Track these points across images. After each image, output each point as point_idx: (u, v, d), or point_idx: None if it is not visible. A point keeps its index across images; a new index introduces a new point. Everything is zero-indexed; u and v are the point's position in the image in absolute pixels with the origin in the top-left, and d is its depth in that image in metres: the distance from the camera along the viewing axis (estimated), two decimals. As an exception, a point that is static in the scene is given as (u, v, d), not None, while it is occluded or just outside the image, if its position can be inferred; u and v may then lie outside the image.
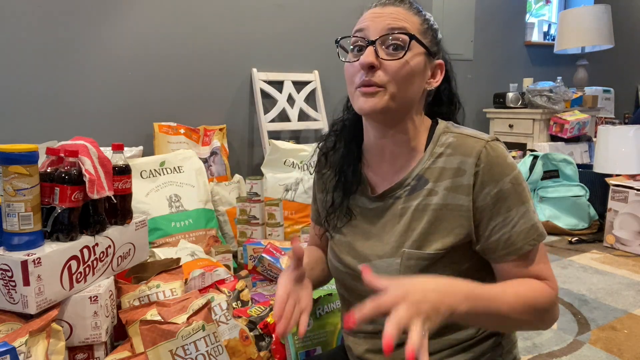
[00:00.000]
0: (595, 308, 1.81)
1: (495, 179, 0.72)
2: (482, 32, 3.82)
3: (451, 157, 0.75)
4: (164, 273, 1.16)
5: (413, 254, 0.74)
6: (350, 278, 0.85)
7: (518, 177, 0.73)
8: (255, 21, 2.83)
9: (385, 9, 0.76)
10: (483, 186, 0.72)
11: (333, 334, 1.15)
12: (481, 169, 0.72)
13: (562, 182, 2.91)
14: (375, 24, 0.75)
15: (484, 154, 0.72)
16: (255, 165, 2.92)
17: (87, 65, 2.40)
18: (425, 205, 0.76)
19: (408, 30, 0.74)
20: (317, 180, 0.95)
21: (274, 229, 2.03)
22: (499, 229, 0.72)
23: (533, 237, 0.72)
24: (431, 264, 0.74)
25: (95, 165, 0.98)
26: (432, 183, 0.76)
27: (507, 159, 0.73)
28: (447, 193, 0.74)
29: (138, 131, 2.53)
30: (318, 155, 0.94)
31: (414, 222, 0.76)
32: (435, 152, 0.77)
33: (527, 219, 0.72)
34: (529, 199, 0.73)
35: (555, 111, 3.40)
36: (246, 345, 1.01)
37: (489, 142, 0.74)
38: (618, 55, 4.48)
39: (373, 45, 0.73)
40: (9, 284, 0.84)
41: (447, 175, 0.75)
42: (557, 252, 2.48)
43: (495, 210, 0.72)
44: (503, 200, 0.72)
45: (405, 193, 0.78)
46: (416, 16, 0.77)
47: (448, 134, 0.78)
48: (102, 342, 0.95)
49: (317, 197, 0.96)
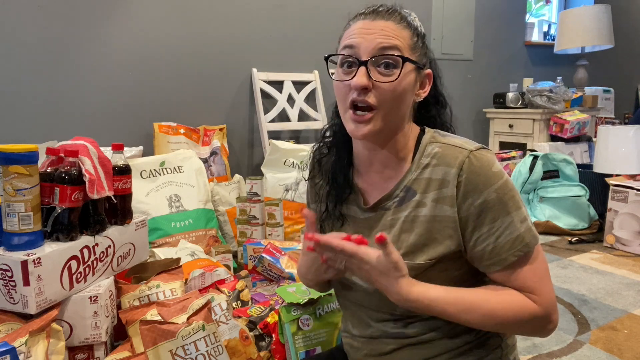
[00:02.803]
0: (595, 308, 1.81)
1: (479, 189, 0.71)
2: (482, 32, 3.82)
3: (436, 167, 0.74)
4: (164, 273, 1.16)
5: (405, 264, 0.74)
6: (343, 288, 0.85)
7: (504, 187, 0.71)
8: (255, 21, 2.83)
9: (375, 24, 0.73)
10: (466, 197, 0.71)
11: (333, 334, 1.15)
12: (463, 180, 0.71)
13: (562, 182, 2.90)
14: (366, 42, 0.72)
15: (466, 164, 0.71)
16: (255, 165, 2.92)
17: (87, 65, 2.40)
18: (414, 217, 0.75)
19: (400, 49, 0.73)
20: (310, 189, 0.95)
21: (274, 229, 2.03)
22: (484, 239, 0.71)
23: (518, 248, 0.70)
24: (421, 273, 0.74)
25: (95, 165, 0.98)
26: (420, 194, 0.75)
27: (491, 169, 0.72)
28: (435, 205, 0.74)
29: (138, 131, 2.53)
30: (311, 163, 0.93)
31: (403, 233, 0.76)
32: (422, 163, 0.76)
33: (512, 230, 0.70)
34: (517, 208, 0.71)
35: (555, 111, 3.40)
36: (246, 345, 1.01)
37: (473, 151, 0.72)
38: (618, 55, 4.48)
39: (365, 66, 0.72)
40: (9, 284, 0.84)
41: (433, 187, 0.74)
42: (557, 252, 2.48)
43: (480, 221, 0.71)
44: (487, 211, 0.71)
45: (394, 205, 0.78)
46: (406, 30, 0.75)
47: (434, 144, 0.77)
48: (102, 342, 0.95)
49: (310, 206, 0.96)
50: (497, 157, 2.79)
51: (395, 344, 0.79)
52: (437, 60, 0.85)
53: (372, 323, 0.82)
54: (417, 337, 0.77)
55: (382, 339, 0.80)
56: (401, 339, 0.79)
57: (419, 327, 0.77)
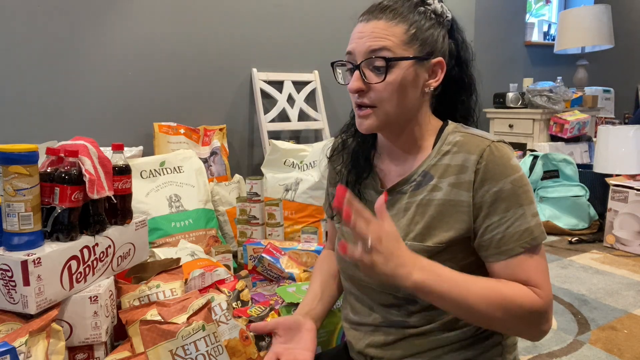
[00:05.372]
0: (595, 308, 1.81)
1: (496, 178, 0.72)
2: (482, 32, 3.82)
3: (457, 154, 0.76)
4: (164, 273, 1.16)
5: (415, 246, 0.75)
6: (353, 267, 0.86)
7: (520, 180, 0.73)
8: (255, 21, 2.83)
9: (368, 26, 0.76)
10: (482, 184, 0.73)
11: (333, 333, 1.15)
12: (482, 167, 0.73)
13: (562, 182, 2.90)
14: (359, 47, 0.76)
15: (487, 152, 0.73)
16: (255, 165, 2.92)
17: (87, 65, 2.40)
18: (428, 200, 0.77)
19: (389, 48, 0.74)
20: (330, 172, 0.97)
21: (274, 229, 2.03)
22: (494, 228, 0.72)
23: (526, 240, 0.71)
24: (432, 256, 0.74)
25: (95, 165, 0.98)
26: (436, 179, 0.77)
27: (510, 161, 0.73)
28: (451, 189, 0.75)
29: (138, 131, 2.53)
30: (335, 143, 0.95)
31: (417, 216, 0.77)
32: (442, 150, 0.78)
33: (522, 222, 0.72)
34: (529, 203, 0.73)
35: (555, 111, 3.40)
36: (246, 345, 1.01)
37: (494, 142, 0.75)
38: (618, 55, 4.48)
39: (358, 70, 0.76)
40: (9, 284, 0.84)
41: (451, 172, 0.76)
42: (557, 252, 2.48)
43: (492, 209, 0.72)
44: (501, 200, 0.72)
45: (410, 189, 0.80)
46: (399, 25, 0.75)
47: (456, 133, 0.79)
48: (102, 342, 0.95)
49: (328, 190, 0.98)
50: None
51: (397, 335, 0.80)
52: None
53: (375, 307, 0.83)
54: (419, 327, 0.78)
55: (384, 328, 0.81)
56: (403, 329, 0.80)
57: (421, 317, 0.78)
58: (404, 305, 0.79)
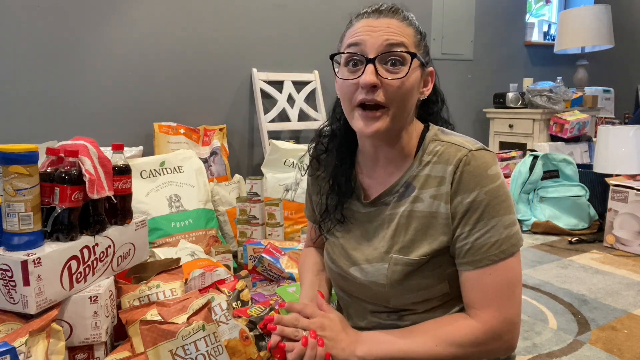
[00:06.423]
0: (595, 308, 1.81)
1: (470, 188, 0.71)
2: (482, 32, 3.82)
3: (436, 164, 0.75)
4: (164, 273, 1.16)
5: (400, 259, 0.75)
6: (341, 279, 0.86)
7: (496, 190, 0.71)
8: (255, 21, 2.83)
9: (380, 21, 0.73)
10: (457, 194, 0.72)
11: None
12: (457, 177, 0.72)
13: (562, 182, 2.90)
14: (373, 39, 0.72)
15: (463, 162, 0.72)
16: (255, 165, 2.92)
17: (87, 65, 2.40)
18: (410, 212, 0.76)
19: (406, 45, 0.72)
20: (312, 182, 0.95)
21: (274, 229, 2.03)
22: (463, 238, 0.72)
23: (494, 253, 0.71)
24: (416, 269, 0.75)
25: (95, 165, 0.98)
26: (417, 190, 0.76)
27: (487, 170, 0.72)
28: (432, 201, 0.75)
29: (138, 131, 2.53)
30: (310, 160, 0.94)
31: (400, 228, 0.77)
32: (424, 160, 0.77)
33: (493, 234, 0.71)
34: (504, 214, 0.71)
35: (555, 111, 3.40)
36: (246, 345, 1.00)
37: (472, 151, 0.73)
38: (618, 55, 4.47)
39: (372, 63, 0.71)
40: (9, 284, 0.84)
41: (431, 184, 0.75)
42: (557, 252, 2.48)
43: (465, 219, 0.72)
44: (474, 211, 0.71)
45: (394, 199, 0.79)
46: (410, 27, 0.75)
47: (436, 142, 0.78)
48: (102, 342, 0.95)
49: (312, 198, 0.96)
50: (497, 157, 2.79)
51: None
52: (437, 60, 0.86)
53: (368, 315, 0.83)
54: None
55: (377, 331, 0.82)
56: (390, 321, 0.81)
57: (412, 320, 0.78)
58: (396, 312, 0.80)
